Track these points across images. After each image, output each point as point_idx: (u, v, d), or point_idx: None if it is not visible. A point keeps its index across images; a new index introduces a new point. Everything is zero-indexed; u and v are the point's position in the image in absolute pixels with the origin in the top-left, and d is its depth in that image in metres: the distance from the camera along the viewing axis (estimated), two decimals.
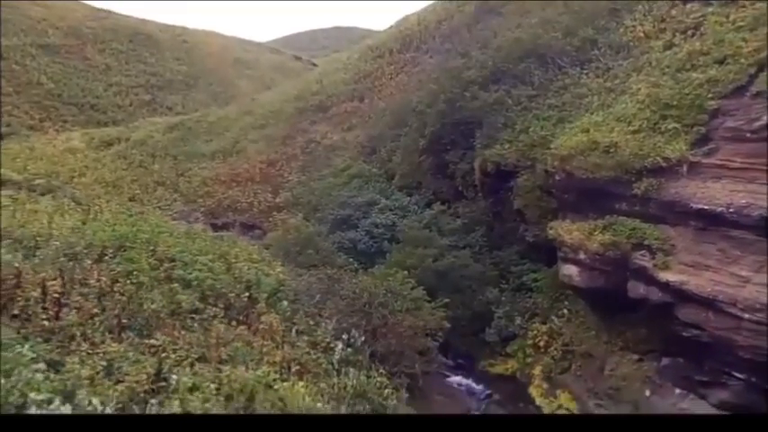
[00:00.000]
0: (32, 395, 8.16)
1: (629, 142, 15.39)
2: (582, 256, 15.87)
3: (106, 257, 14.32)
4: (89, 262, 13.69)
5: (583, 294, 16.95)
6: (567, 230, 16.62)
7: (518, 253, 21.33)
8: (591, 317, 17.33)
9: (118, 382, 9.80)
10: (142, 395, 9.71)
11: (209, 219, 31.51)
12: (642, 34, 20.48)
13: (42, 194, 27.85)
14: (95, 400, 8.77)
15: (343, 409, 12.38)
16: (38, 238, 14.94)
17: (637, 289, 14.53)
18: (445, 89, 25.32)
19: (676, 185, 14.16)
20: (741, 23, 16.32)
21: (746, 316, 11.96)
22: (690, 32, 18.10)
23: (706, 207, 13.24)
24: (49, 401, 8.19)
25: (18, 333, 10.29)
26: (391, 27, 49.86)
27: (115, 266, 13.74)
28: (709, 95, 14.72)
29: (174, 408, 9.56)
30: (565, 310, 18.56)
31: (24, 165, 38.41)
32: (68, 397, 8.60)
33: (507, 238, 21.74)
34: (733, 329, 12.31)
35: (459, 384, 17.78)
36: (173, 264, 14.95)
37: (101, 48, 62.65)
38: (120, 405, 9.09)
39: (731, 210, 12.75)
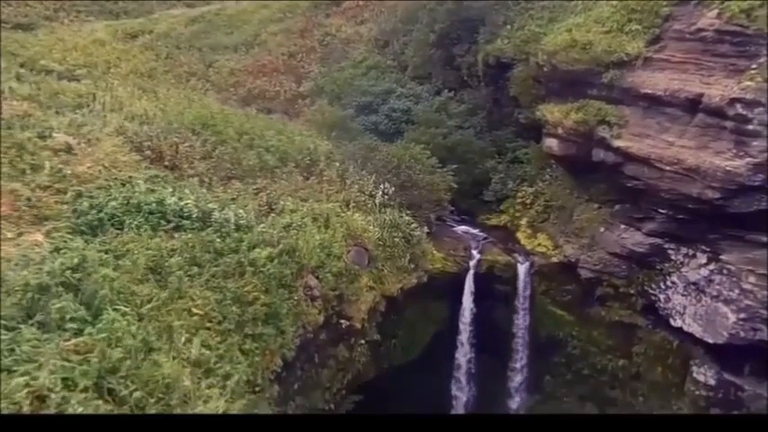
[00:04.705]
0: (210, 205, 13.21)
1: (601, 41, 19.41)
2: (560, 131, 20.34)
3: (197, 132, 18.70)
4: (189, 134, 18.19)
5: (560, 161, 21.77)
6: (550, 112, 21.01)
7: (513, 132, 25.34)
8: (566, 179, 22.31)
9: (245, 206, 14.87)
10: (264, 212, 14.86)
11: (242, 106, 35.47)
12: None
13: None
14: (241, 211, 13.82)
15: (384, 234, 17.67)
16: (143, 117, 19.27)
17: (598, 154, 19.24)
18: None
19: (632, 75, 18.43)
20: None
21: (668, 168, 16.97)
22: None
23: (650, 91, 17.76)
24: (220, 210, 13.23)
25: (174, 175, 15.20)
26: None
27: (208, 138, 18.28)
28: (664, 3, 18.72)
29: (285, 221, 14.62)
30: (547, 176, 23.30)
31: (63, 56, 41.30)
32: (224, 209, 13.62)
33: (504, 121, 25.70)
34: (658, 178, 17.34)
35: (464, 232, 23.14)
36: (248, 136, 19.51)
37: None
38: (255, 215, 14.14)
39: (667, 93, 17.31)
